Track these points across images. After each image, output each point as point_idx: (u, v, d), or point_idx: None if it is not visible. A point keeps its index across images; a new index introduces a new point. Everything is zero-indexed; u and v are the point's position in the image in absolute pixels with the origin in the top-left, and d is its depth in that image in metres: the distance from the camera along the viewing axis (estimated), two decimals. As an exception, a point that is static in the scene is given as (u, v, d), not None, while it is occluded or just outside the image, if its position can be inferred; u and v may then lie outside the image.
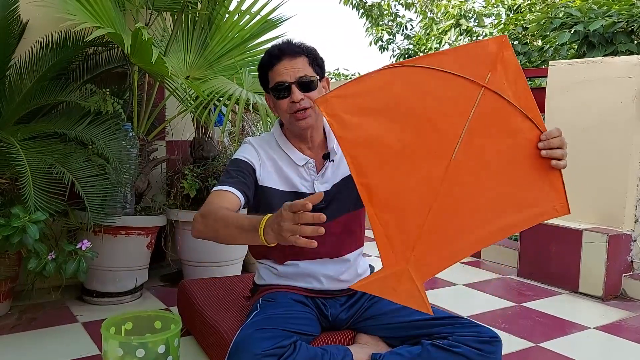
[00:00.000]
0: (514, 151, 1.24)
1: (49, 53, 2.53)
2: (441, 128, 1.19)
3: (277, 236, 1.24)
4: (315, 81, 1.64)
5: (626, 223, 2.96)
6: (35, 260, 2.04)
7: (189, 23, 2.88)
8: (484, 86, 1.18)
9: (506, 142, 1.23)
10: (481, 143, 1.20)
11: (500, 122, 1.21)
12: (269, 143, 1.74)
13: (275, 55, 1.64)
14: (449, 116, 1.19)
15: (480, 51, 1.19)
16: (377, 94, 1.18)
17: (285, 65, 1.62)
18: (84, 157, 2.28)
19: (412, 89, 1.18)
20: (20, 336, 2.17)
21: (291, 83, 1.61)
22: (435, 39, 9.30)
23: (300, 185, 1.70)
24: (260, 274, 1.80)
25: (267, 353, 1.39)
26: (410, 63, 1.18)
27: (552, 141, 1.27)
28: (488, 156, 1.22)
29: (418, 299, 1.21)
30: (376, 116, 1.18)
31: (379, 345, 1.68)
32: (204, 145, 2.89)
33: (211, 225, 1.47)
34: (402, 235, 1.21)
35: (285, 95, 1.62)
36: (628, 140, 2.93)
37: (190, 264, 2.79)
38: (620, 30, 5.04)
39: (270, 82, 1.66)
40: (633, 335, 2.38)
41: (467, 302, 2.82)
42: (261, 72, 1.71)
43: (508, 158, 1.24)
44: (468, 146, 1.19)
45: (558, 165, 1.29)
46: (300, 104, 1.61)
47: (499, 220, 1.25)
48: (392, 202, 1.20)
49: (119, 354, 1.51)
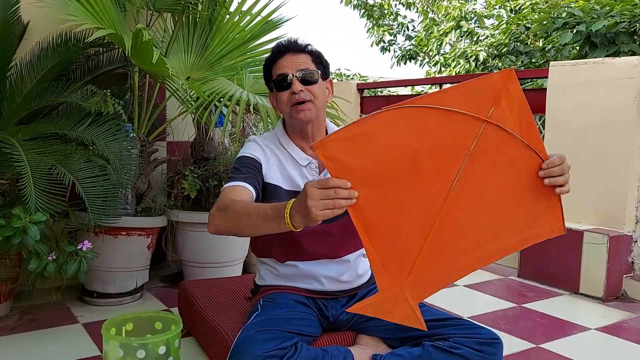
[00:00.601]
0: (513, 178, 1.24)
1: (50, 54, 2.54)
2: (440, 163, 1.19)
3: (305, 218, 1.22)
4: (317, 75, 1.65)
5: (627, 224, 2.96)
6: (36, 261, 2.04)
7: (190, 24, 2.89)
8: (486, 120, 1.18)
9: (506, 171, 1.23)
10: (480, 174, 1.21)
11: (501, 154, 1.22)
12: (273, 141, 1.75)
13: (280, 51, 1.67)
14: (449, 151, 1.19)
15: (484, 86, 1.19)
16: (376, 134, 1.18)
17: (287, 59, 1.65)
18: (85, 158, 2.29)
19: (412, 128, 1.18)
20: (21, 337, 2.18)
21: (292, 75, 1.63)
22: (436, 40, 9.30)
23: (303, 184, 1.70)
24: (261, 274, 1.80)
25: (268, 354, 1.39)
26: (412, 103, 1.18)
27: (553, 170, 1.25)
28: (487, 185, 1.23)
29: (413, 318, 1.25)
30: (375, 157, 1.18)
31: (379, 346, 1.68)
32: (204, 146, 2.89)
33: (231, 217, 1.45)
34: (398, 263, 1.23)
35: (285, 87, 1.64)
36: (629, 141, 2.93)
37: (190, 264, 2.79)
38: (623, 31, 5.04)
39: (272, 77, 1.68)
40: (634, 336, 2.38)
41: (467, 303, 2.82)
42: (266, 70, 1.72)
43: (507, 185, 1.24)
44: (467, 178, 1.20)
45: (562, 191, 1.27)
46: (300, 95, 1.62)
47: (496, 242, 1.26)
48: (389, 234, 1.21)
49: (119, 355, 1.51)
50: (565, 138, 3.17)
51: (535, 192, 1.25)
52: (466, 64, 7.76)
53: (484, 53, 7.52)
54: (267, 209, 1.35)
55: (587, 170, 3.07)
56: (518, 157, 1.23)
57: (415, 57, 10.22)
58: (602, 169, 3.02)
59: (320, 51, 1.72)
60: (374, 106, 5.12)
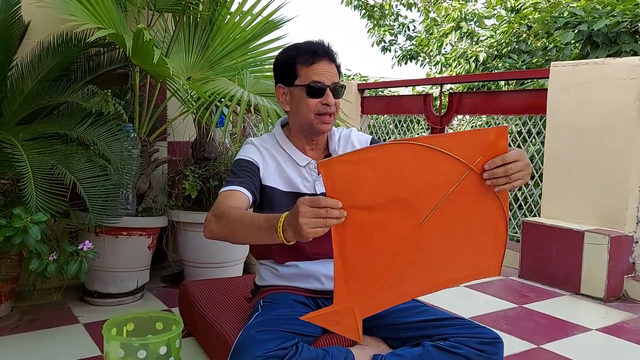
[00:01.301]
0: (477, 221, 1.36)
1: (51, 54, 2.54)
2: (423, 198, 1.28)
3: (297, 234, 1.25)
4: (343, 90, 1.68)
5: (628, 224, 2.96)
6: (37, 261, 2.04)
7: (191, 24, 2.89)
8: (472, 167, 1.29)
9: (473, 214, 1.34)
10: (452, 212, 1.31)
11: (474, 198, 1.32)
12: (271, 143, 1.75)
13: (319, 53, 1.63)
14: (434, 188, 1.29)
15: (480, 139, 1.29)
16: (380, 163, 1.24)
17: (325, 66, 1.63)
18: (86, 158, 2.29)
19: (412, 163, 1.26)
20: (22, 337, 2.18)
21: (328, 86, 1.62)
22: (437, 41, 9.30)
23: (302, 185, 1.70)
24: (261, 274, 1.80)
25: (269, 355, 1.39)
26: (416, 141, 1.26)
27: (496, 171, 1.30)
28: (454, 222, 1.34)
29: (355, 331, 1.35)
30: (373, 183, 1.24)
31: (380, 347, 1.68)
32: (205, 146, 2.89)
33: (226, 225, 1.47)
34: (360, 281, 1.31)
35: (318, 94, 1.62)
36: (630, 141, 2.93)
37: (191, 264, 2.79)
38: (624, 30, 5.04)
39: (303, 77, 1.63)
40: (635, 336, 2.38)
41: (468, 303, 2.81)
42: (286, 64, 1.67)
43: (470, 225, 1.36)
44: (440, 214, 1.30)
45: (505, 188, 1.32)
46: (330, 108, 1.63)
47: (448, 273, 1.39)
48: (362, 254, 1.28)
49: (120, 355, 1.51)
50: (566, 138, 3.17)
51: (490, 235, 1.38)
52: (466, 64, 7.76)
53: (484, 54, 7.52)
54: (260, 219, 1.37)
55: (588, 171, 3.06)
56: (487, 204, 1.34)
57: (416, 57, 10.21)
58: (603, 169, 3.02)
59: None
60: (375, 106, 5.12)
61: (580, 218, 3.09)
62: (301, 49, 1.65)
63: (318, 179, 1.71)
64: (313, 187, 1.70)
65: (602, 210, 3.03)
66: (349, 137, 1.81)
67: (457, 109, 4.14)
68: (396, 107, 4.91)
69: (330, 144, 1.76)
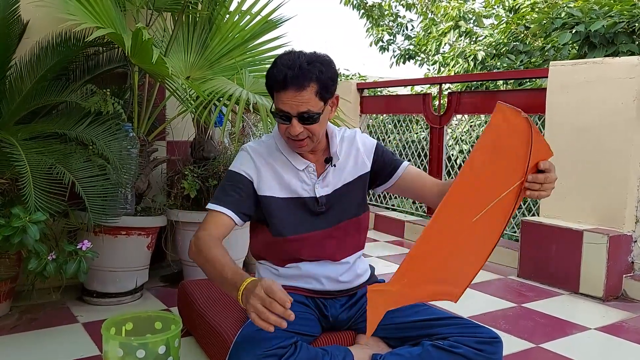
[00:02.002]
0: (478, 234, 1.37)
1: (50, 53, 2.53)
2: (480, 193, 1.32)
3: (245, 306, 1.27)
4: (317, 116, 1.56)
5: (627, 224, 2.96)
6: (36, 261, 2.04)
7: (190, 23, 2.88)
8: (524, 179, 1.33)
9: (482, 227, 1.35)
10: (482, 218, 1.33)
11: (497, 210, 1.34)
12: (269, 147, 1.71)
13: (286, 83, 1.51)
14: (492, 187, 1.31)
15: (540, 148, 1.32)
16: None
17: (289, 95, 1.52)
18: (85, 158, 2.28)
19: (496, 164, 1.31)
20: (20, 336, 2.17)
21: (292, 116, 1.54)
22: (435, 40, 9.30)
23: (301, 189, 1.69)
24: (260, 274, 1.80)
25: (268, 353, 1.39)
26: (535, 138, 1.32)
27: (539, 176, 1.34)
28: (475, 229, 1.35)
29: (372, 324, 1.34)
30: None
31: (379, 346, 1.68)
32: (204, 146, 2.89)
33: (202, 261, 1.52)
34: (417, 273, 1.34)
35: (284, 121, 1.57)
36: (628, 140, 2.93)
37: (190, 264, 2.79)
38: (622, 31, 5.05)
39: (275, 101, 1.58)
40: (634, 336, 2.38)
41: (467, 302, 2.80)
42: (267, 84, 1.61)
43: (473, 236, 1.37)
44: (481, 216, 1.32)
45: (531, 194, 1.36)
46: (298, 136, 1.57)
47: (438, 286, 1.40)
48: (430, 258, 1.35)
49: (119, 355, 1.51)
50: (564, 138, 3.17)
51: (472, 257, 1.40)
52: (465, 63, 7.76)
53: (482, 52, 7.52)
54: (228, 273, 1.40)
55: (587, 170, 3.07)
56: (494, 225, 1.35)
57: (414, 57, 10.22)
58: (602, 169, 3.02)
59: (328, 61, 1.58)
60: (374, 105, 5.12)
61: (579, 217, 3.09)
62: (273, 73, 1.55)
63: (317, 182, 1.70)
64: (312, 190, 1.69)
65: (601, 210, 3.03)
66: (353, 139, 1.77)
67: (456, 109, 4.14)
68: (395, 107, 4.91)
69: (331, 146, 1.72)
